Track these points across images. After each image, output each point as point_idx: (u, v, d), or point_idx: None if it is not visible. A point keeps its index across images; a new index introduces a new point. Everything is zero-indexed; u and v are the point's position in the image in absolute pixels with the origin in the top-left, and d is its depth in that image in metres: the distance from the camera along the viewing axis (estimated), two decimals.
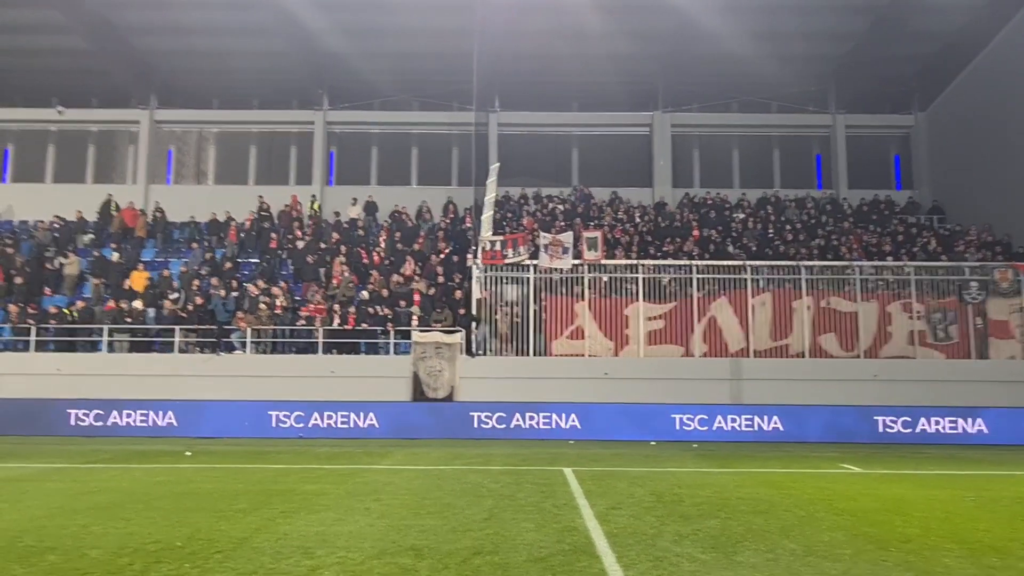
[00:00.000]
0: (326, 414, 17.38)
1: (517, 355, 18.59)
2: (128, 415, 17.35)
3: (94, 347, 18.73)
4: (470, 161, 26.24)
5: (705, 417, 17.46)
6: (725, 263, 19.73)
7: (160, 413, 17.34)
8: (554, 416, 17.40)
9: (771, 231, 23.65)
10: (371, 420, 17.36)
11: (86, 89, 28.84)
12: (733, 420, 17.44)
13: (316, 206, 26.28)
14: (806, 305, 19.03)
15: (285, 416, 17.30)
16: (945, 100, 28.09)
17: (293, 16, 24.72)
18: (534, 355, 18.60)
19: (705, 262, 19.79)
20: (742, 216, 24.96)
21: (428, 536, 6.63)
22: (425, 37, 25.58)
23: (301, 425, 17.26)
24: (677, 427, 17.40)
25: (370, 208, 25.88)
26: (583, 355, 18.68)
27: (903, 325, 18.90)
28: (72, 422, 17.34)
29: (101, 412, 17.37)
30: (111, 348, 18.51)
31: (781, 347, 18.92)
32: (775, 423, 17.39)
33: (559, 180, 28.68)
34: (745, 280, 19.27)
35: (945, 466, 12.60)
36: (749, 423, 17.42)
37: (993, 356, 18.68)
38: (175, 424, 17.24)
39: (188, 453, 13.56)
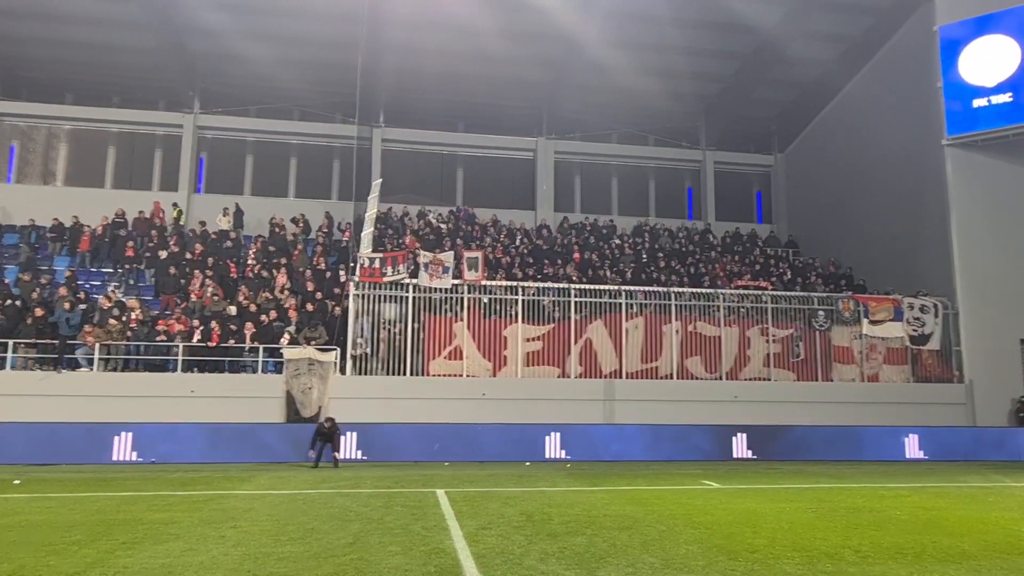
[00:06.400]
0: None
1: (394, 374, 18.20)
2: None
3: None
4: (351, 175, 25.67)
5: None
6: (601, 287, 20.35)
7: None
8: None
9: (645, 257, 24.72)
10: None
11: None
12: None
13: (176, 213, 24.70)
14: (675, 329, 19.95)
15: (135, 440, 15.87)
16: (800, 143, 30.73)
17: (163, 11, 23.29)
18: (411, 375, 18.28)
19: (582, 286, 20.32)
20: (618, 242, 25.95)
21: (287, 564, 6.30)
22: (308, 45, 24.88)
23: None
24: None
25: (238, 219, 24.59)
26: (461, 375, 18.58)
27: (760, 349, 20.24)
28: None
29: None
30: None
31: (651, 369, 19.69)
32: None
33: (443, 199, 28.69)
34: (620, 304, 19.96)
35: (793, 480, 13.53)
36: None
37: (836, 379, 20.37)
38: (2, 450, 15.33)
39: (17, 481, 12.20)
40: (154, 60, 25.60)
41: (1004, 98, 20.90)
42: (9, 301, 17.56)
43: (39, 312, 17.16)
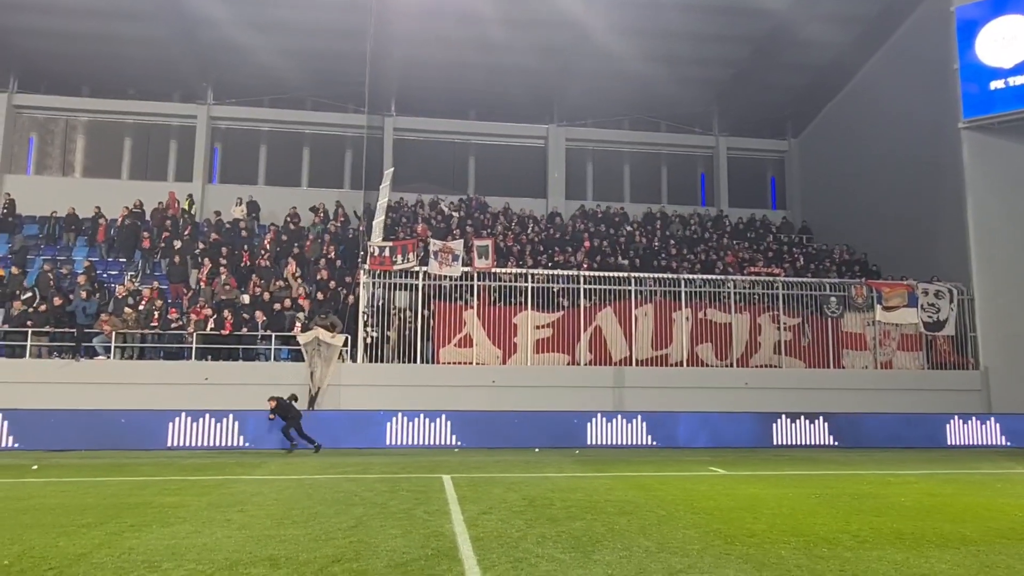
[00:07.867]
0: None
1: (405, 362, 18.34)
2: None
3: None
4: (363, 164, 25.80)
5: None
6: (611, 274, 20.32)
7: (4, 424, 15.75)
8: None
9: (657, 244, 24.62)
10: None
11: None
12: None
13: (188, 203, 24.99)
14: (685, 316, 19.89)
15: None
16: (814, 128, 30.37)
17: (175, 3, 23.44)
18: (422, 362, 18.42)
19: (592, 273, 20.31)
20: (630, 229, 25.85)
21: (288, 546, 6.43)
22: (319, 35, 24.92)
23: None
24: None
25: (252, 207, 24.84)
26: (471, 363, 18.68)
27: (771, 336, 20.14)
28: None
29: None
30: None
31: (661, 356, 19.66)
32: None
33: (455, 188, 28.73)
34: (630, 291, 19.93)
35: (800, 467, 13.50)
36: None
37: (847, 366, 20.21)
38: (21, 436, 15.68)
39: (34, 467, 12.50)
40: (167, 52, 25.80)
41: (1022, 80, 20.50)
42: (29, 294, 17.89)
43: (57, 301, 17.47)
